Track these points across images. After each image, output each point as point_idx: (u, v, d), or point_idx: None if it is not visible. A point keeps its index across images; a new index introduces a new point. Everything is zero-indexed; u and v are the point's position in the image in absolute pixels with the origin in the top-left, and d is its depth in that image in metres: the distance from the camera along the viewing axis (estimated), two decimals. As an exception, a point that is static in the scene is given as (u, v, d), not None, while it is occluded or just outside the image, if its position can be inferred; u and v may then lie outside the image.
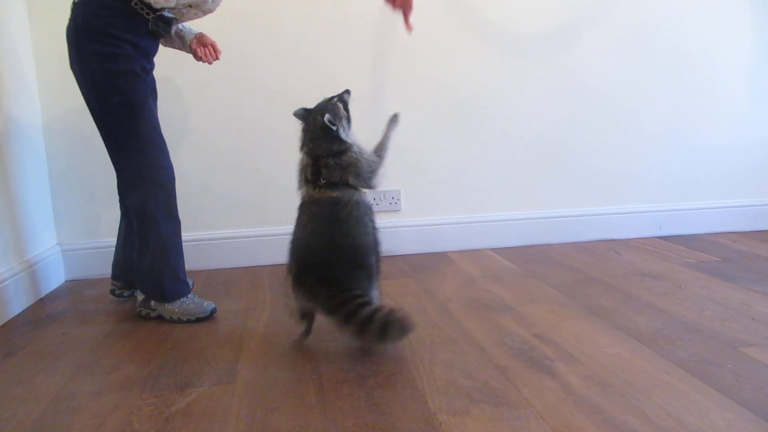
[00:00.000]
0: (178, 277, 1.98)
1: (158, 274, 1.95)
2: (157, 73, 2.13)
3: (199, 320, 1.96)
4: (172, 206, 1.94)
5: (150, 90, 2.01)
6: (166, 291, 1.97)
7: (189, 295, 2.01)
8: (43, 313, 2.14)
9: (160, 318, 2.00)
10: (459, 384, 1.44)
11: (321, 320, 1.75)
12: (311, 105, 1.82)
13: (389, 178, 2.74)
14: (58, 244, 2.53)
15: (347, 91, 1.83)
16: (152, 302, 2.00)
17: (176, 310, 1.96)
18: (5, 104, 2.20)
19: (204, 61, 2.06)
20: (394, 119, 1.93)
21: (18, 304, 2.15)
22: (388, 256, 2.74)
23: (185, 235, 2.60)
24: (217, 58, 2.07)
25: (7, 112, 2.21)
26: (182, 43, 2.07)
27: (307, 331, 1.76)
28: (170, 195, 1.94)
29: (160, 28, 1.87)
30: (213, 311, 1.99)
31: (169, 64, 2.43)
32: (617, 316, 1.86)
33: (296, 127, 1.79)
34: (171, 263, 1.96)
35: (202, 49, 2.04)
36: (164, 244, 1.93)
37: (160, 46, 2.02)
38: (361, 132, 2.69)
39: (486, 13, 2.71)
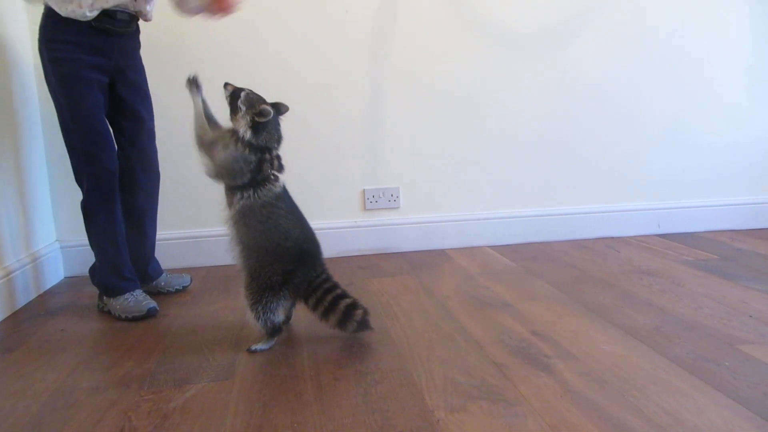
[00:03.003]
0: (119, 272, 2.02)
1: (100, 269, 2.03)
2: (157, 73, 2.13)
3: (136, 319, 1.96)
4: (110, 203, 1.98)
5: (129, 87, 2.01)
6: (107, 285, 2.02)
7: (135, 292, 2.02)
8: (42, 309, 2.14)
9: (110, 313, 2.02)
10: (457, 381, 1.44)
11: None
12: (308, 105, 1.82)
13: (388, 176, 2.77)
14: (57, 240, 2.53)
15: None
16: (104, 297, 2.04)
17: (117, 307, 1.99)
18: (7, 104, 2.21)
19: (219, 15, 1.98)
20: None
21: (22, 297, 2.17)
22: (386, 253, 2.75)
23: (185, 232, 2.63)
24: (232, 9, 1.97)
25: (9, 111, 2.21)
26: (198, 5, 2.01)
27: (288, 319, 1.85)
28: (108, 192, 1.97)
29: (107, 23, 1.88)
30: (151, 311, 1.98)
31: (168, 66, 2.44)
32: (615, 314, 1.86)
33: (290, 125, 1.78)
34: (111, 259, 2.02)
35: (215, 6, 1.97)
36: (103, 240, 2.00)
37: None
38: (360, 127, 2.70)
39: (484, 12, 2.71)
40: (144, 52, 2.11)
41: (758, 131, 2.97)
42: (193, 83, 1.81)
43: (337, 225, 2.70)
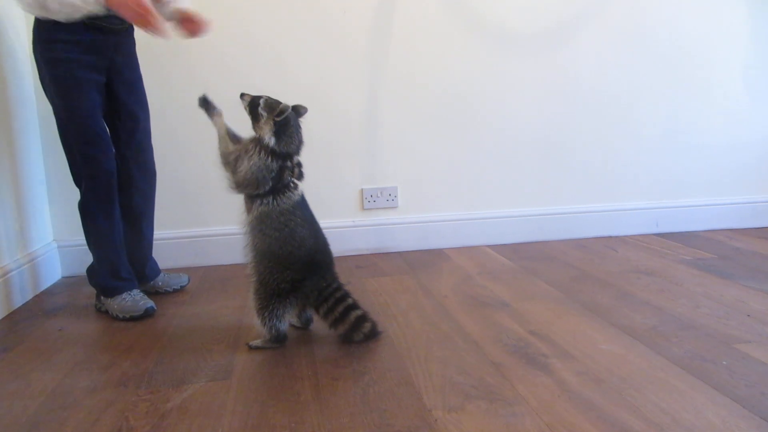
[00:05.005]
0: (117, 273, 2.02)
1: (98, 269, 2.03)
2: (153, 73, 2.12)
3: (133, 318, 1.96)
4: (108, 203, 1.98)
5: (125, 85, 2.00)
6: (104, 286, 2.02)
7: (132, 292, 2.02)
8: (39, 309, 2.13)
9: (108, 313, 2.02)
10: (454, 380, 1.44)
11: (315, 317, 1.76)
12: (306, 105, 1.82)
13: (387, 175, 2.77)
14: (54, 240, 2.52)
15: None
16: (102, 297, 2.04)
17: (115, 307, 1.99)
18: (4, 104, 2.20)
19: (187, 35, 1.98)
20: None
21: (19, 297, 2.16)
22: (385, 253, 2.74)
23: (183, 232, 2.63)
24: (200, 32, 1.96)
25: (6, 111, 2.21)
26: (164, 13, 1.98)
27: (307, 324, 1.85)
28: (106, 192, 1.96)
29: (101, 21, 1.86)
30: (148, 310, 1.98)
31: (164, 66, 2.43)
32: (613, 313, 1.86)
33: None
34: (109, 259, 2.02)
35: (183, 26, 1.97)
36: (101, 241, 2.00)
37: None
38: (359, 126, 2.70)
39: (482, 11, 2.70)
40: (140, 52, 2.10)
41: (756, 131, 2.97)
42: (205, 103, 1.80)
43: (335, 224, 2.70)
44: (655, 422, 1.22)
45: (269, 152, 1.66)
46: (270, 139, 1.67)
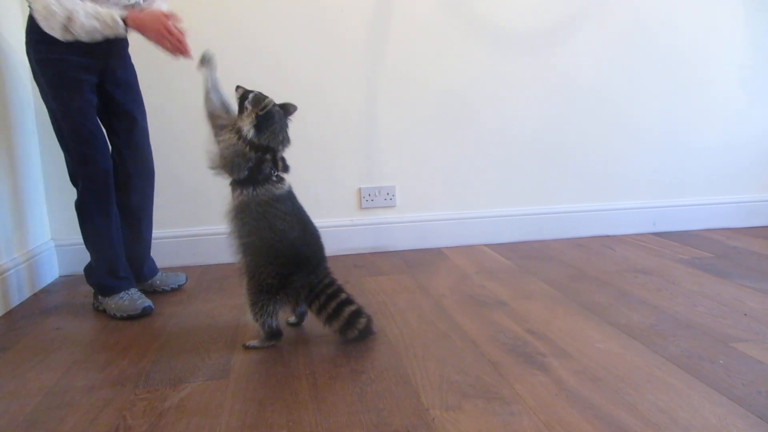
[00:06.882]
0: (114, 272, 2.02)
1: (96, 269, 2.03)
2: (150, 72, 2.11)
3: (131, 318, 1.96)
4: (105, 202, 1.98)
5: (119, 85, 2.00)
6: (102, 285, 2.02)
7: (130, 291, 2.02)
8: (37, 308, 2.13)
9: (105, 312, 2.02)
10: (452, 379, 1.45)
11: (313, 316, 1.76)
12: (303, 104, 1.83)
13: (384, 175, 2.77)
14: (52, 239, 2.52)
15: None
16: (99, 296, 2.04)
17: (112, 306, 1.99)
18: (1, 103, 2.20)
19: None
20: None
21: (16, 296, 2.16)
22: (382, 252, 2.74)
23: (180, 231, 2.63)
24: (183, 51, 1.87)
25: (3, 109, 2.21)
26: None
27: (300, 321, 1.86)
28: (103, 191, 1.96)
29: None
30: (146, 309, 1.98)
31: (161, 65, 2.42)
32: (610, 312, 1.86)
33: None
34: (106, 258, 2.02)
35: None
36: (99, 240, 2.01)
37: None
38: (356, 125, 2.70)
39: (480, 11, 2.70)
40: (137, 51, 2.10)
41: (753, 130, 2.97)
42: (204, 61, 1.81)
43: (333, 224, 2.70)
44: (653, 421, 1.23)
45: (247, 143, 1.67)
46: (249, 131, 1.67)
